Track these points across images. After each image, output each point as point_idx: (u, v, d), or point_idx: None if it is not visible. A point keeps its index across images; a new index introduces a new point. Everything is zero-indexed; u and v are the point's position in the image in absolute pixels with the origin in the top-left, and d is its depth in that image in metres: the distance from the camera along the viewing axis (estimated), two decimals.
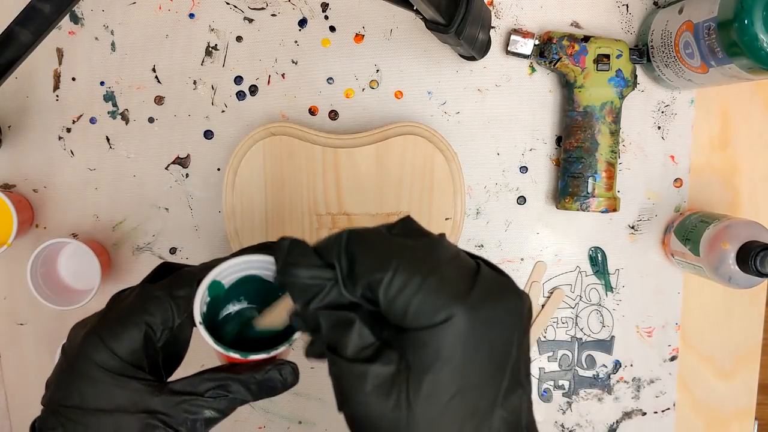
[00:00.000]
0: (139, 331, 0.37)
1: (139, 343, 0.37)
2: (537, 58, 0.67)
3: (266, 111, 0.69)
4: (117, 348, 0.36)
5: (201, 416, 0.37)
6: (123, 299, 0.39)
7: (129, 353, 0.37)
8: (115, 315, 0.38)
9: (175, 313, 0.38)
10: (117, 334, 0.37)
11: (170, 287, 0.38)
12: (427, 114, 0.69)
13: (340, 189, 0.65)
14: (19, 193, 0.68)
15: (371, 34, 0.68)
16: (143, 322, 0.37)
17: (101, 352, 0.36)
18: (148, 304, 0.37)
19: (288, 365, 0.39)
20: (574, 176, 0.66)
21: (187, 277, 0.38)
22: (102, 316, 0.38)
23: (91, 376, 0.36)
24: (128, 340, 0.37)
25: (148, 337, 0.37)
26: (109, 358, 0.36)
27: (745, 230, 0.60)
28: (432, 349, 0.30)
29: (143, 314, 0.37)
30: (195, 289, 0.38)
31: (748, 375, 0.72)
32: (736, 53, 0.54)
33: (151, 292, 0.38)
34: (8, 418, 0.69)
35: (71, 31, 0.68)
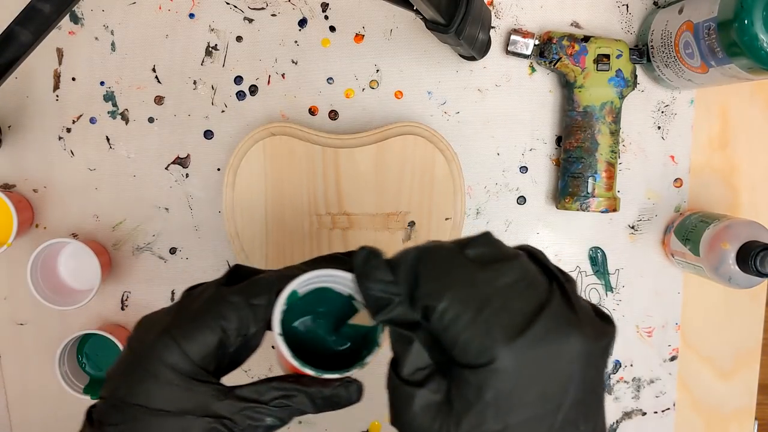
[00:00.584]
0: (214, 336, 0.36)
1: (212, 348, 0.36)
2: (537, 58, 0.67)
3: (266, 111, 0.69)
4: (191, 351, 0.36)
5: (263, 423, 0.37)
6: (196, 298, 0.38)
7: (201, 357, 0.36)
8: (191, 317, 0.37)
9: (251, 320, 0.37)
10: (192, 336, 0.36)
11: (248, 294, 0.37)
12: (427, 114, 0.69)
13: (340, 189, 0.65)
14: (19, 193, 0.68)
15: (371, 34, 0.68)
16: (219, 326, 0.36)
17: (174, 354, 0.36)
18: (224, 308, 0.37)
19: (355, 383, 0.39)
20: (574, 176, 0.66)
21: (264, 285, 0.38)
22: (175, 316, 0.38)
23: (160, 377, 0.36)
24: (203, 343, 0.36)
25: (221, 343, 0.37)
26: (181, 361, 0.36)
27: (745, 230, 0.60)
28: (474, 389, 0.30)
29: (219, 319, 0.37)
30: (273, 298, 0.38)
31: (748, 375, 0.72)
32: (736, 53, 0.54)
33: (228, 296, 0.37)
34: (8, 418, 0.69)
35: (71, 31, 0.68)
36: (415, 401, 0.31)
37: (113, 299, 0.69)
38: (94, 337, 0.68)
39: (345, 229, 0.66)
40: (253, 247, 0.65)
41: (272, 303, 0.37)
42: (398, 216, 0.66)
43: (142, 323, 0.39)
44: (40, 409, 0.69)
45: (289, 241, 0.66)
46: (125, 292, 0.69)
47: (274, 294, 0.38)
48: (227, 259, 0.69)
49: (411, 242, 0.66)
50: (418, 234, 0.66)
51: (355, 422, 0.70)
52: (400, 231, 0.66)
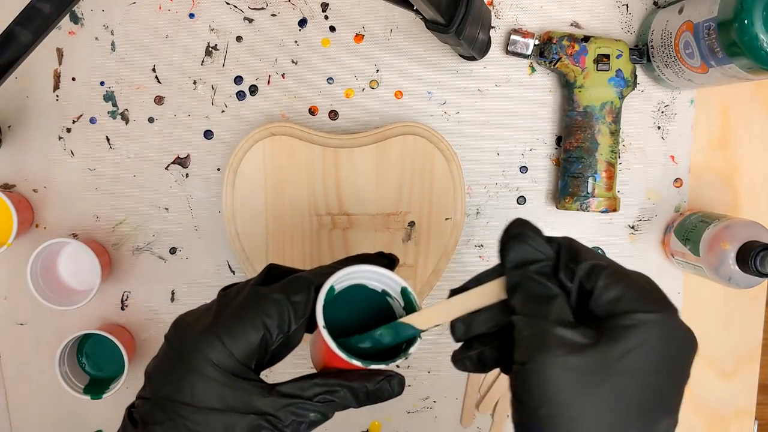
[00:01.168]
0: (257, 333, 0.37)
1: (255, 345, 0.37)
2: (537, 58, 0.67)
3: (266, 111, 0.69)
4: (234, 348, 0.36)
5: (307, 419, 0.38)
6: (235, 297, 0.39)
7: (245, 354, 0.37)
8: (233, 315, 0.37)
9: (293, 317, 0.38)
10: (236, 333, 0.37)
11: (287, 291, 0.38)
12: (427, 114, 0.69)
13: (340, 189, 0.65)
14: (19, 193, 0.68)
15: (371, 34, 0.68)
16: (262, 324, 0.37)
17: (219, 352, 0.36)
18: (266, 306, 0.37)
19: (397, 377, 0.40)
20: (574, 176, 0.66)
21: (303, 283, 0.39)
22: (217, 314, 0.38)
23: (205, 375, 0.36)
24: (246, 341, 0.37)
25: (264, 340, 0.37)
26: (225, 358, 0.36)
27: (745, 230, 0.60)
28: (626, 343, 0.32)
29: (262, 316, 0.37)
30: (312, 294, 0.38)
31: (748, 375, 0.72)
32: (736, 53, 0.54)
33: (268, 294, 0.38)
34: (8, 418, 0.69)
35: (71, 31, 0.68)
36: (566, 341, 0.32)
37: (113, 299, 0.69)
38: (94, 337, 0.68)
39: (345, 229, 0.66)
40: (253, 247, 0.65)
41: (311, 300, 0.38)
42: (398, 216, 0.66)
43: (181, 322, 0.39)
44: (40, 409, 0.69)
45: (289, 241, 0.66)
46: (125, 292, 0.69)
47: (312, 291, 0.38)
48: (227, 260, 0.69)
49: (411, 242, 0.66)
50: (418, 234, 0.66)
51: (355, 422, 0.70)
52: (400, 231, 0.66)
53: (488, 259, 0.70)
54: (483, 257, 0.70)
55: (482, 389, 0.71)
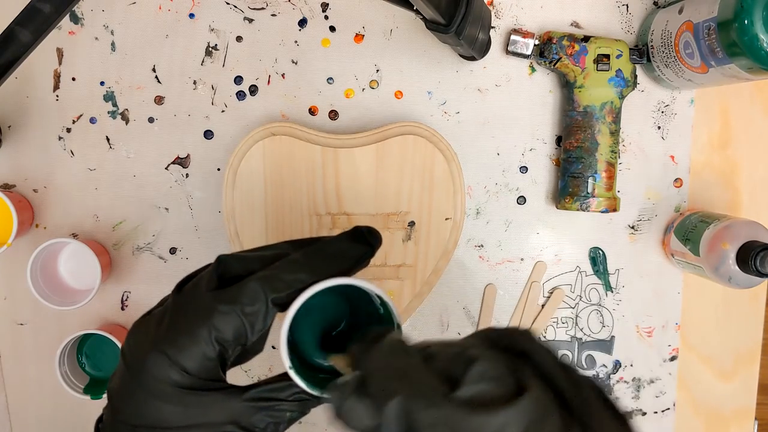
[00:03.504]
0: (212, 350, 0.35)
1: (212, 361, 0.35)
2: (537, 58, 0.67)
3: (266, 111, 0.69)
4: (188, 366, 0.34)
5: (284, 419, 0.37)
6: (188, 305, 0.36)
7: (202, 370, 0.35)
8: (183, 330, 0.35)
9: (249, 331, 0.35)
10: (186, 352, 0.34)
11: (240, 302, 0.35)
12: (427, 114, 0.69)
13: (340, 189, 0.65)
14: (19, 193, 0.68)
15: (371, 34, 0.68)
16: (214, 339, 0.35)
17: (172, 372, 0.34)
18: (217, 320, 0.35)
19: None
20: (574, 176, 0.66)
21: (257, 293, 0.35)
22: (168, 328, 0.35)
23: (164, 395, 0.34)
24: (200, 357, 0.35)
25: (220, 354, 0.35)
26: (181, 377, 0.34)
27: (745, 230, 0.60)
28: None
29: (213, 332, 0.35)
30: (269, 306, 0.35)
31: (748, 375, 0.72)
32: (736, 53, 0.54)
33: (219, 306, 0.35)
34: (8, 418, 0.69)
35: (71, 31, 0.68)
36: None
37: (113, 299, 0.69)
38: (93, 337, 0.68)
39: (345, 229, 0.66)
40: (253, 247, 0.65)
41: (269, 311, 0.36)
42: (398, 216, 0.66)
43: (134, 332, 0.37)
44: (40, 409, 0.69)
45: None
46: (125, 292, 0.69)
47: (269, 302, 0.35)
48: None
49: (411, 242, 0.66)
50: (418, 234, 0.66)
51: None
52: (400, 231, 0.66)
53: (488, 259, 0.70)
54: (483, 257, 0.70)
55: None
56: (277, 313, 0.36)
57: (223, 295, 0.35)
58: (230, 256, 0.37)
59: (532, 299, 0.70)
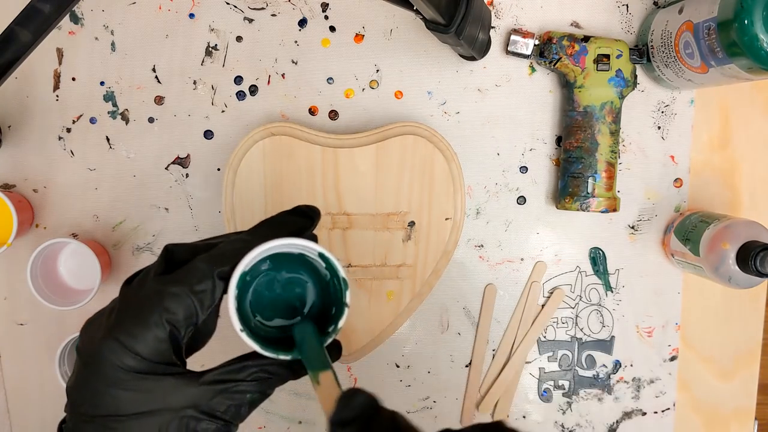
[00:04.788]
0: (162, 331, 0.35)
1: (165, 342, 0.35)
2: (537, 58, 0.67)
3: (266, 111, 0.69)
4: (142, 350, 0.34)
5: (244, 401, 0.36)
6: (136, 293, 0.36)
7: (156, 353, 0.35)
8: (133, 315, 0.35)
9: (198, 308, 0.36)
10: (139, 336, 0.34)
11: (188, 282, 0.35)
12: (427, 114, 0.69)
13: (340, 189, 0.65)
14: (19, 193, 0.68)
15: (371, 34, 0.68)
16: (165, 321, 0.35)
17: (125, 357, 0.34)
18: (167, 302, 0.35)
19: (332, 343, 0.39)
20: (574, 176, 0.66)
21: (204, 271, 0.36)
22: (118, 316, 0.36)
23: (120, 382, 0.34)
24: (153, 340, 0.35)
25: (173, 336, 0.35)
26: (135, 362, 0.34)
27: (745, 230, 0.60)
28: None
29: (164, 313, 0.35)
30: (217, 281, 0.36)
31: (748, 375, 0.72)
32: (736, 53, 0.54)
33: (168, 288, 0.35)
34: (8, 418, 0.69)
35: (71, 31, 0.68)
36: None
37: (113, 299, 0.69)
38: None
39: (345, 229, 0.66)
40: None
41: (216, 286, 0.36)
42: (398, 216, 0.66)
43: (86, 329, 0.37)
44: (40, 409, 0.69)
45: None
46: None
47: (215, 277, 0.36)
48: None
49: (411, 242, 0.66)
50: (418, 234, 0.66)
51: None
52: (400, 231, 0.66)
53: (488, 259, 0.70)
54: (483, 257, 0.70)
55: (482, 389, 0.71)
56: (223, 288, 0.37)
57: (171, 277, 0.36)
58: (177, 245, 0.38)
59: (532, 299, 0.70)
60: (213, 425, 0.36)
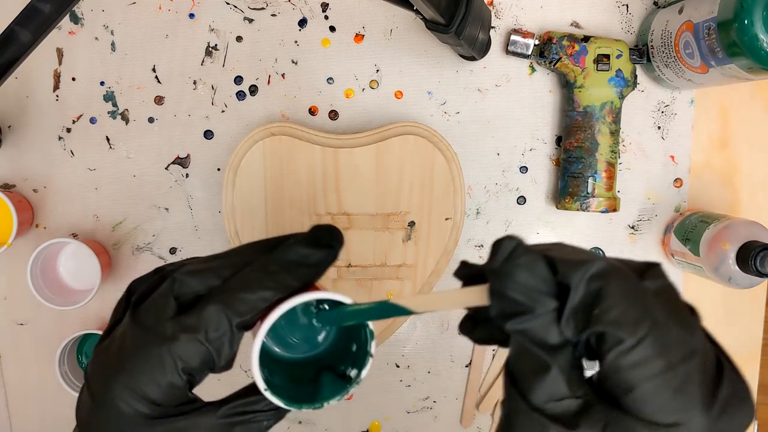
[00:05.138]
0: (178, 379, 0.33)
1: (180, 389, 0.34)
2: (537, 58, 0.67)
3: (266, 111, 0.69)
4: (156, 398, 0.33)
5: (262, 429, 0.36)
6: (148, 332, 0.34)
7: (171, 398, 0.34)
8: (146, 362, 0.33)
9: (215, 356, 0.34)
10: (153, 384, 0.33)
11: (203, 330, 0.33)
12: (427, 114, 0.69)
13: (340, 189, 0.65)
14: (19, 193, 0.68)
15: (371, 34, 0.68)
16: (180, 370, 0.33)
17: (141, 405, 0.33)
18: (182, 351, 0.33)
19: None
20: (574, 176, 0.66)
21: (219, 318, 0.34)
22: (130, 358, 0.34)
23: (136, 426, 0.33)
24: (167, 387, 0.33)
25: (189, 382, 0.34)
26: (150, 409, 0.33)
27: (745, 230, 0.60)
28: None
29: (178, 362, 0.33)
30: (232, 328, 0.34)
31: (748, 375, 0.72)
32: (736, 53, 0.54)
33: (179, 335, 0.33)
34: (8, 418, 0.69)
35: (71, 31, 0.68)
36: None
37: (113, 299, 0.69)
38: (93, 337, 0.68)
39: (345, 229, 0.66)
40: None
41: (235, 336, 0.34)
42: (398, 216, 0.66)
43: (96, 359, 0.35)
44: (40, 409, 0.69)
45: None
46: None
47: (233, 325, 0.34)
48: None
49: (411, 242, 0.66)
50: (418, 234, 0.66)
51: (355, 422, 0.70)
52: (400, 231, 0.66)
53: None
54: (483, 257, 0.70)
55: (482, 389, 0.71)
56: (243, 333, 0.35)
57: (183, 324, 0.34)
58: (186, 274, 0.35)
59: None
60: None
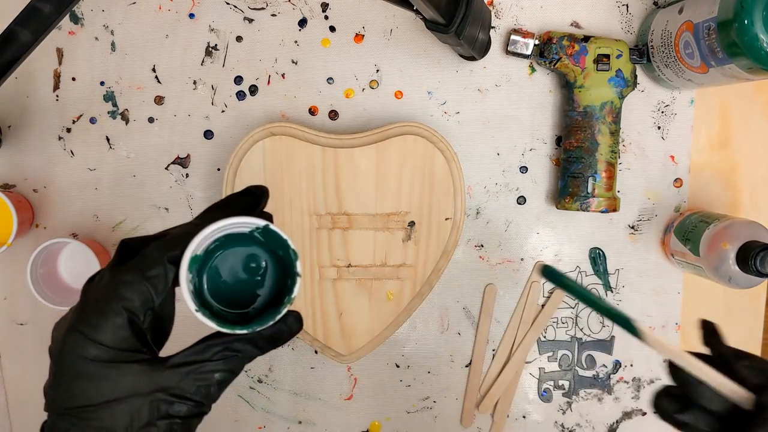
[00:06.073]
0: (120, 318, 0.36)
1: (125, 329, 0.36)
2: (537, 58, 0.67)
3: (266, 111, 0.69)
4: (104, 339, 0.36)
5: (212, 380, 0.37)
6: (95, 288, 0.38)
7: (118, 340, 0.36)
8: (92, 306, 0.37)
9: (153, 293, 0.37)
10: (98, 325, 0.36)
11: (141, 269, 0.37)
12: (427, 114, 0.69)
13: (340, 189, 0.65)
14: (19, 193, 0.68)
15: (371, 34, 0.68)
16: (122, 308, 0.36)
17: (89, 347, 0.36)
18: (121, 289, 0.36)
19: (291, 314, 0.39)
20: (574, 176, 0.66)
21: (155, 256, 0.37)
22: (78, 311, 0.37)
23: (87, 372, 0.36)
24: (112, 328, 0.36)
25: (132, 322, 0.36)
26: (99, 351, 0.36)
27: (745, 230, 0.60)
28: None
29: (120, 301, 0.36)
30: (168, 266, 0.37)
31: None
32: (736, 53, 0.54)
33: (121, 276, 0.37)
34: (8, 418, 0.69)
35: (71, 31, 0.68)
36: None
37: None
38: None
39: (345, 229, 0.66)
40: None
41: (169, 270, 0.37)
42: (398, 216, 0.66)
43: (55, 328, 0.38)
44: (40, 409, 0.69)
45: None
46: None
47: (166, 261, 0.37)
48: None
49: (411, 242, 0.66)
50: (418, 234, 0.66)
51: (355, 422, 0.70)
52: (400, 231, 0.66)
53: (488, 259, 0.70)
54: (483, 257, 0.70)
55: (482, 389, 0.71)
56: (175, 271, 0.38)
57: (124, 267, 0.37)
58: (132, 238, 0.39)
59: (532, 299, 0.70)
60: (184, 407, 0.37)
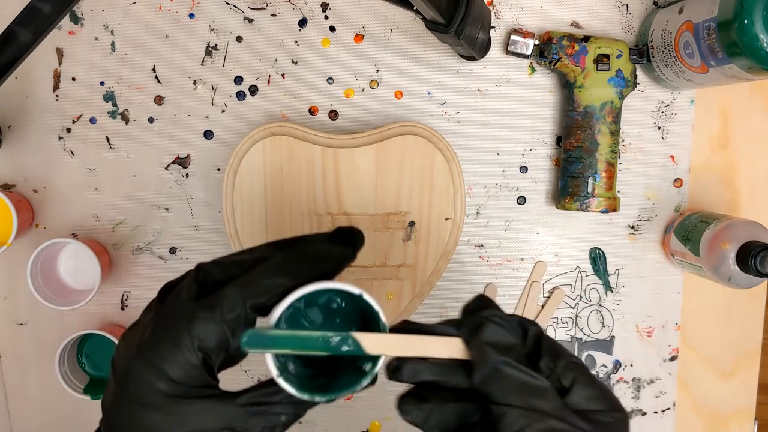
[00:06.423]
0: (195, 357, 0.35)
1: (197, 368, 0.35)
2: (537, 58, 0.67)
3: (266, 111, 0.69)
4: (174, 375, 0.35)
5: (279, 423, 0.37)
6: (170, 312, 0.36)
7: (188, 377, 0.35)
8: (164, 335, 0.35)
9: (230, 336, 0.35)
10: (170, 358, 0.34)
11: (221, 310, 0.35)
12: (427, 114, 0.69)
13: (340, 189, 0.65)
14: (19, 193, 0.68)
15: (371, 34, 0.68)
16: (197, 348, 0.35)
17: (159, 381, 0.34)
18: (198, 327, 0.35)
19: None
20: (574, 176, 0.66)
21: (237, 300, 0.35)
22: (150, 334, 0.36)
23: (155, 403, 0.34)
24: (185, 364, 0.35)
25: (205, 360, 0.35)
26: (168, 387, 0.34)
27: (745, 230, 0.60)
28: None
29: (195, 340, 0.35)
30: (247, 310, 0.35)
31: (748, 375, 0.72)
32: (736, 53, 0.54)
33: (199, 313, 0.35)
34: (8, 418, 0.69)
35: (71, 31, 0.68)
36: None
37: (113, 299, 0.69)
38: (93, 337, 0.68)
39: None
40: None
41: (248, 317, 0.36)
42: (398, 216, 0.66)
43: (122, 343, 0.37)
44: (40, 409, 0.69)
45: None
46: (125, 292, 0.69)
47: (248, 308, 0.36)
48: None
49: (411, 242, 0.66)
50: (418, 234, 0.66)
51: (355, 422, 0.70)
52: (400, 231, 0.66)
53: (488, 259, 0.70)
54: (483, 257, 0.70)
55: None
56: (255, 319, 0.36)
57: (202, 303, 0.36)
58: (210, 263, 0.38)
59: (532, 299, 0.70)
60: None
